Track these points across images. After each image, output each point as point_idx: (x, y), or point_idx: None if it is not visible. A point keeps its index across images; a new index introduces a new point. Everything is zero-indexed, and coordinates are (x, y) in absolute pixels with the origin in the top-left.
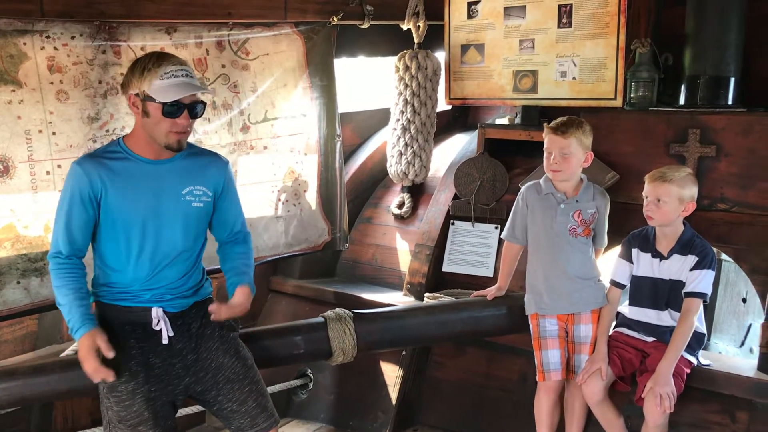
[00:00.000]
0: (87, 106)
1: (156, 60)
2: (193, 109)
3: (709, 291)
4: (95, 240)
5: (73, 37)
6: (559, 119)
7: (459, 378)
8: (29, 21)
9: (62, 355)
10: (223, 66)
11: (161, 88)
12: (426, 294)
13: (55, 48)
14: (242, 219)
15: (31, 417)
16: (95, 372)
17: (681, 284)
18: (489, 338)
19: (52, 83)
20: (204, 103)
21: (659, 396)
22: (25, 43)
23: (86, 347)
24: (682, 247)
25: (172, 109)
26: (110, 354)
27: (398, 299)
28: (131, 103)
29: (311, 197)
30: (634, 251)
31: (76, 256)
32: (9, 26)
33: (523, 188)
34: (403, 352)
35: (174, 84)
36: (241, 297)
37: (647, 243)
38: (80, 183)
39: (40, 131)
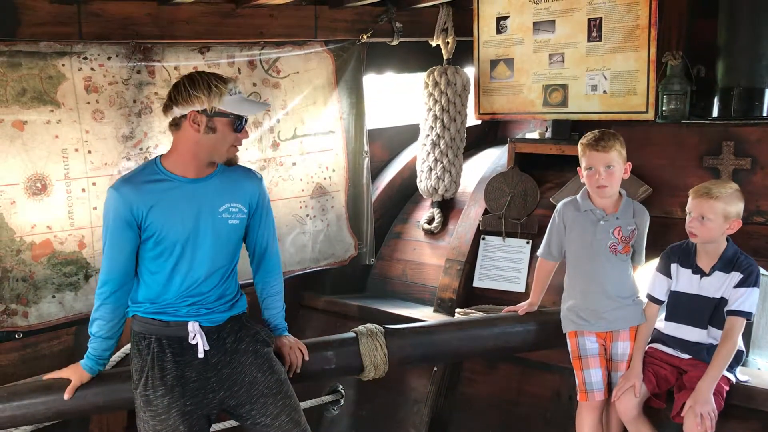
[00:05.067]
0: (122, 124)
1: (216, 78)
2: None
3: (754, 310)
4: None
5: (109, 58)
6: (592, 134)
7: (491, 394)
8: (68, 43)
9: None
10: (255, 84)
11: (234, 102)
12: (457, 309)
13: (92, 69)
14: (273, 240)
15: (68, 431)
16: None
17: (723, 302)
18: (521, 354)
19: (88, 103)
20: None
21: (700, 415)
22: (63, 65)
23: (78, 380)
24: (725, 263)
25: (241, 123)
26: (67, 396)
27: (429, 315)
28: (191, 120)
29: (339, 213)
30: (674, 266)
31: (122, 288)
32: (49, 48)
33: (559, 205)
34: (435, 369)
35: (242, 99)
36: (287, 348)
37: (687, 258)
38: (118, 208)
39: (77, 150)
